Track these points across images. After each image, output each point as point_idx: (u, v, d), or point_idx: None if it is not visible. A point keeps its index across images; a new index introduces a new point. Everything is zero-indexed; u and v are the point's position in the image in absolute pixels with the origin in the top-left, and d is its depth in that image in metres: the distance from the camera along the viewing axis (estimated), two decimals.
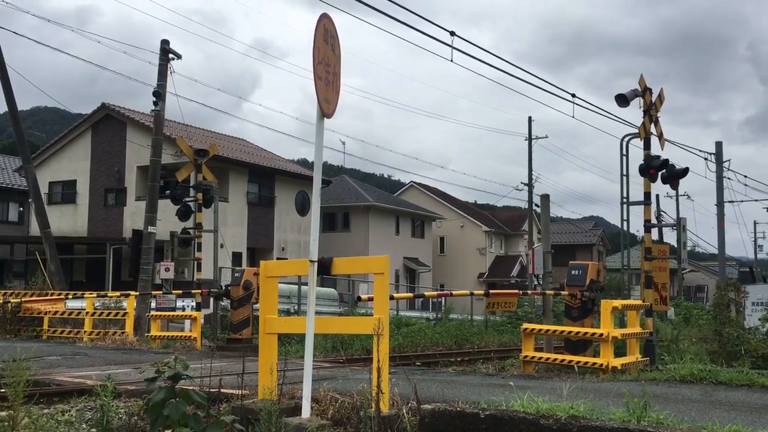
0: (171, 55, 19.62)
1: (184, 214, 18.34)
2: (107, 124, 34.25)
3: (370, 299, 5.67)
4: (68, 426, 5.39)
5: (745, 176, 37.16)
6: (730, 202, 35.53)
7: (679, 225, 13.35)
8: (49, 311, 16.71)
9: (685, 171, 13.48)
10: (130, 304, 16.30)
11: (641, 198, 12.97)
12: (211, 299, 18.17)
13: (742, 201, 39.00)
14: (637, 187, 14.74)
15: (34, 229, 29.88)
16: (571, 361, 9.65)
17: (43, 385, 7.18)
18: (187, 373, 4.64)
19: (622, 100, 12.47)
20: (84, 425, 5.54)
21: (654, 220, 16.05)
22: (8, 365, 4.59)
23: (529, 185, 39.74)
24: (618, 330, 9.90)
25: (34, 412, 5.37)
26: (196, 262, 18.95)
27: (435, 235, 51.36)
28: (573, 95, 19.02)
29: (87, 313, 16.17)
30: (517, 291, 12.29)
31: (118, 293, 18.42)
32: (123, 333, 15.33)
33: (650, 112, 12.58)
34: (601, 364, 9.24)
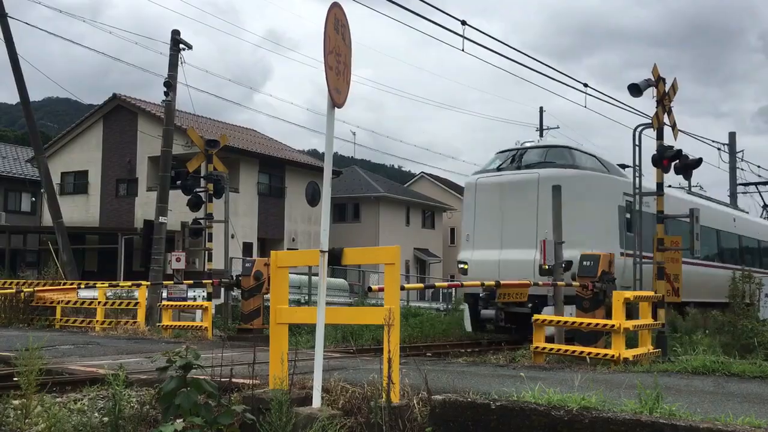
0: (182, 46, 19.61)
1: (195, 204, 18.37)
2: (119, 115, 34.35)
3: (381, 290, 5.66)
4: (80, 414, 5.42)
5: (759, 167, 36.87)
6: (743, 193, 35.28)
7: (692, 216, 13.22)
8: (62, 301, 16.82)
9: (698, 161, 13.35)
10: (141, 294, 16.38)
11: (654, 188, 12.88)
12: (222, 289, 18.22)
13: (755, 192, 38.55)
14: (649, 177, 14.63)
15: (47, 219, 30.04)
16: (582, 352, 9.61)
17: (56, 374, 7.23)
18: (198, 362, 4.65)
19: (635, 90, 12.36)
20: (96, 414, 5.57)
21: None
22: (21, 354, 4.61)
23: None
24: (630, 321, 9.85)
25: (47, 400, 5.40)
26: (207, 252, 18.99)
27: (445, 226, 51.27)
28: (585, 85, 18.90)
29: (99, 302, 16.26)
30: (528, 282, 12.23)
31: (129, 283, 18.50)
32: (135, 323, 15.41)
33: (663, 102, 12.46)
34: (613, 356, 9.20)
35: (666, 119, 12.61)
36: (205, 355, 5.09)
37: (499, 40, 26.14)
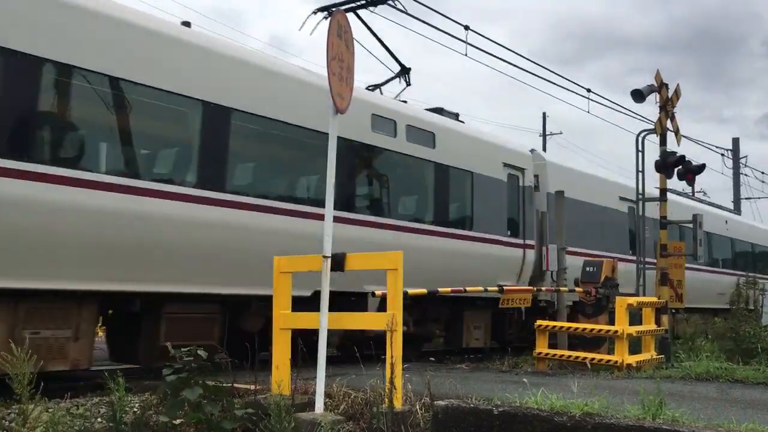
0: None
1: None
2: None
3: (384, 295, 5.66)
4: (82, 419, 5.43)
5: (763, 173, 36.81)
6: (747, 198, 35.21)
7: (695, 222, 13.20)
8: None
9: (701, 167, 13.35)
10: None
11: (657, 194, 12.87)
12: None
13: (759, 198, 38.50)
14: (652, 183, 14.63)
15: None
16: (585, 358, 9.60)
17: (59, 380, 7.24)
18: (209, 364, 4.68)
19: (638, 95, 12.36)
20: (99, 419, 5.59)
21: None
22: (15, 359, 4.61)
23: None
24: (633, 327, 9.84)
25: (53, 408, 5.41)
26: None
27: None
28: (588, 90, 18.93)
29: None
30: (531, 287, 12.22)
31: None
32: None
33: (666, 107, 12.46)
34: (616, 362, 9.18)
35: (669, 125, 12.61)
36: None
37: (502, 46, 26.37)
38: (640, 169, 13.91)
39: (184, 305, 8.32)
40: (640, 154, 13.90)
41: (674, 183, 14.58)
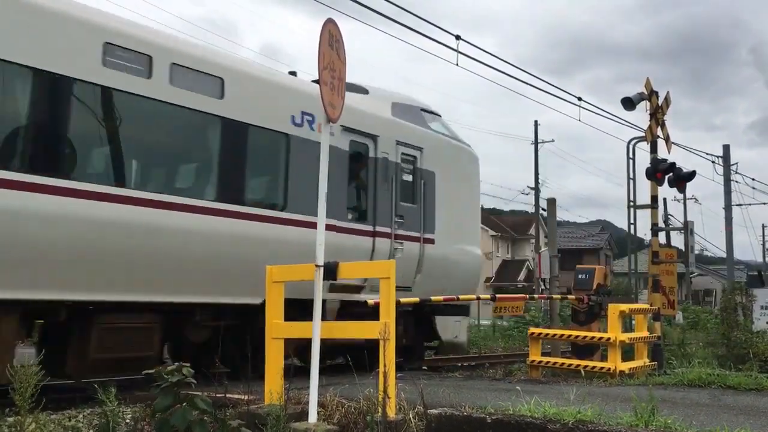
0: None
1: None
2: None
3: (377, 304, 5.67)
4: (75, 431, 5.40)
5: (753, 179, 37.17)
6: (738, 205, 35.56)
7: (687, 228, 13.28)
8: None
9: (692, 174, 13.43)
10: None
11: (648, 201, 12.94)
12: None
13: (750, 204, 39.06)
14: (644, 190, 14.70)
15: None
16: (578, 365, 9.61)
17: (52, 391, 7.20)
18: (191, 379, 4.64)
19: (628, 103, 12.44)
20: (91, 430, 5.56)
21: (661, 224, 16.04)
22: (16, 371, 4.60)
23: (536, 189, 39.65)
24: (626, 334, 9.86)
25: (41, 418, 5.38)
26: None
27: None
28: (579, 98, 19.03)
29: None
30: (524, 295, 12.25)
31: None
32: None
33: (656, 115, 12.54)
34: (609, 369, 9.20)
35: (659, 132, 12.68)
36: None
37: (493, 55, 26.48)
38: (631, 176, 13.99)
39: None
40: (631, 161, 13.99)
41: (665, 190, 14.63)
